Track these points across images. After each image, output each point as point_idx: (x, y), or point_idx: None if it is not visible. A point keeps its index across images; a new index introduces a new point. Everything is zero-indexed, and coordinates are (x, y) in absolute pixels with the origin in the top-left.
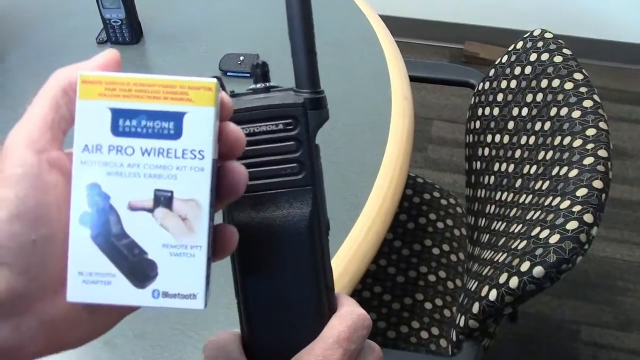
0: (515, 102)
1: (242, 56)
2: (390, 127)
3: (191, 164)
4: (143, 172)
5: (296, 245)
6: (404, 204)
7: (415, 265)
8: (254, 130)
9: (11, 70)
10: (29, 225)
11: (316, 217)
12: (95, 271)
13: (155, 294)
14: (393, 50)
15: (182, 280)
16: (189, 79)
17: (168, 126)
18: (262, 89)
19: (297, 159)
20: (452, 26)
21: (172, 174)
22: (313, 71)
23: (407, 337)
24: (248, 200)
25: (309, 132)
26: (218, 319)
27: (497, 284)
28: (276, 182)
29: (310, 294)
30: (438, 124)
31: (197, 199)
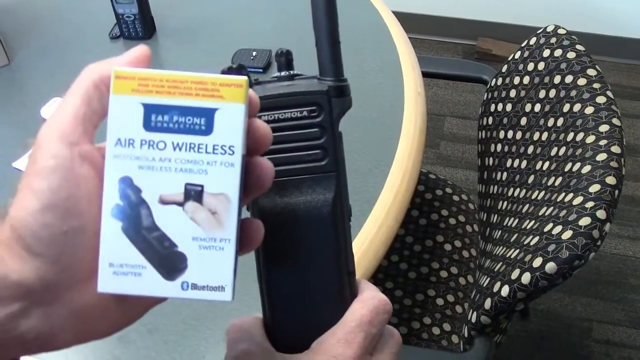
0: (528, 98)
1: (254, 51)
2: (403, 122)
3: (222, 159)
4: (174, 167)
5: (320, 230)
6: (416, 200)
7: (427, 261)
8: (279, 117)
9: (23, 66)
10: (61, 217)
11: (339, 202)
12: (125, 263)
13: (185, 285)
14: (406, 46)
15: (210, 273)
16: (221, 76)
17: (199, 122)
18: (287, 77)
19: (321, 145)
20: (464, 23)
21: (203, 168)
22: (337, 60)
23: (418, 333)
24: (273, 186)
25: (333, 119)
26: (231, 314)
27: (509, 280)
28: (300, 169)
29: (333, 278)
30: (450, 120)
31: (227, 193)
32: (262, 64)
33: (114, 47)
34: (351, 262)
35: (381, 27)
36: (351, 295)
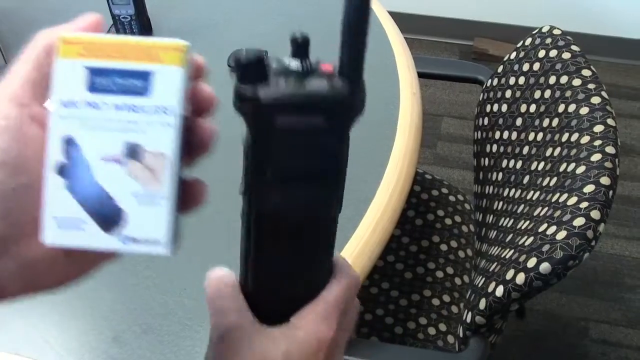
0: (524, 99)
1: None
2: (398, 123)
3: (160, 119)
4: (115, 127)
5: (317, 224)
6: (412, 200)
7: (423, 261)
8: (296, 122)
9: None
10: (10, 174)
11: (337, 202)
12: (68, 217)
13: (124, 239)
14: (402, 46)
15: (148, 227)
16: (161, 41)
17: (139, 84)
18: (302, 72)
19: (332, 149)
20: (461, 23)
21: (142, 128)
22: (360, 65)
23: (414, 333)
24: (277, 175)
25: (348, 125)
26: None
27: (504, 280)
28: (308, 173)
29: (319, 258)
30: (447, 120)
31: (165, 152)
32: None
33: None
34: (334, 243)
35: (377, 28)
36: (329, 272)
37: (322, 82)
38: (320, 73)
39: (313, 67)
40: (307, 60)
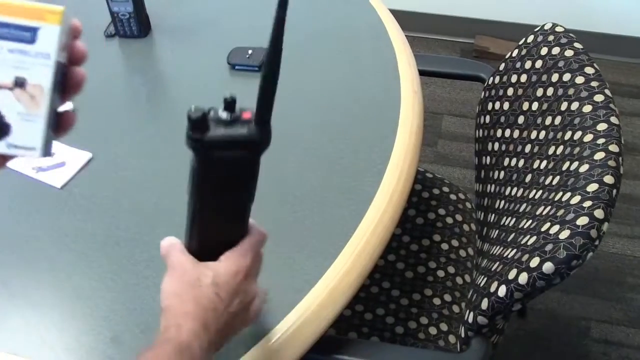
0: (526, 97)
1: (250, 50)
2: (399, 121)
3: (41, 61)
4: (9, 64)
5: (237, 211)
6: (413, 199)
7: (424, 260)
8: (224, 155)
9: None
10: None
11: (250, 198)
12: None
13: (8, 145)
14: (403, 44)
15: (27, 138)
16: (46, 6)
17: (28, 35)
18: (231, 120)
19: (248, 168)
20: (462, 21)
21: (28, 67)
22: (269, 111)
23: (415, 333)
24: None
25: (260, 154)
26: None
27: (506, 280)
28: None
29: (240, 228)
30: (448, 118)
31: (42, 84)
32: (257, 62)
33: (109, 46)
34: (248, 217)
35: (378, 25)
36: (245, 232)
37: (242, 127)
38: (243, 120)
39: (238, 116)
40: (234, 112)
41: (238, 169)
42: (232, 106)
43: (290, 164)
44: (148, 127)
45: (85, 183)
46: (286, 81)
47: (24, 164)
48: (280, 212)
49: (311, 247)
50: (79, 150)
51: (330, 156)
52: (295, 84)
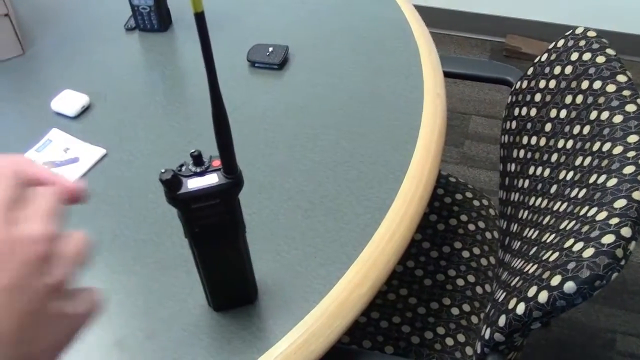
0: (554, 104)
1: (271, 47)
2: (420, 126)
3: None
4: None
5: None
6: (435, 203)
7: (443, 268)
8: (205, 204)
9: (37, 56)
10: None
11: (241, 227)
12: None
13: None
14: (427, 44)
15: None
16: None
17: None
18: (201, 172)
19: (231, 211)
20: (494, 19)
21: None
22: (232, 163)
23: (431, 343)
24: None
25: (235, 196)
26: (230, 322)
27: (526, 297)
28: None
29: (242, 251)
30: (476, 119)
31: None
32: (278, 60)
33: (129, 39)
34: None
35: (402, 24)
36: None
37: (213, 177)
38: (213, 168)
39: (208, 166)
40: (203, 164)
41: (218, 212)
42: (199, 160)
43: (306, 167)
44: (164, 125)
45: (97, 180)
46: (304, 80)
47: (37, 159)
48: (294, 216)
49: (324, 255)
50: (93, 146)
51: (347, 160)
52: (314, 83)
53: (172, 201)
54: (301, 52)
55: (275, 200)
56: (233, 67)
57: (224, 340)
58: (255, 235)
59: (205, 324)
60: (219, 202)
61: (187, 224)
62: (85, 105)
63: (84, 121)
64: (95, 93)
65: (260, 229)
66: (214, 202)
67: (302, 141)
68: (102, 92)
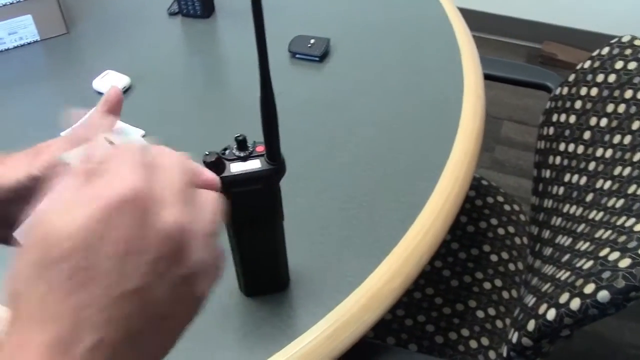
0: (594, 112)
1: (312, 39)
2: (459, 125)
3: None
4: None
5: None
6: (466, 205)
7: (471, 270)
8: (246, 189)
9: (81, 37)
10: None
11: (280, 216)
12: None
13: None
14: (469, 45)
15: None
16: None
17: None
18: (245, 157)
19: (272, 198)
20: (531, 24)
21: None
22: (276, 149)
23: (455, 344)
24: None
25: (276, 186)
26: (260, 308)
27: (557, 304)
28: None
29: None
30: (508, 124)
31: None
32: (319, 52)
33: (171, 24)
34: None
35: (445, 24)
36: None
37: (256, 162)
38: (256, 153)
39: (251, 151)
40: (247, 149)
41: (259, 198)
42: (243, 144)
43: (344, 160)
44: (203, 111)
45: None
46: (344, 73)
47: None
48: (330, 208)
49: (357, 248)
50: (132, 127)
51: (385, 155)
52: (354, 77)
53: None
54: (343, 45)
55: (312, 192)
56: (274, 57)
57: (254, 325)
58: (290, 224)
59: (235, 309)
60: (260, 188)
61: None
62: (126, 86)
63: (124, 102)
64: (136, 75)
65: (296, 219)
66: (255, 187)
67: (339, 134)
68: (143, 74)
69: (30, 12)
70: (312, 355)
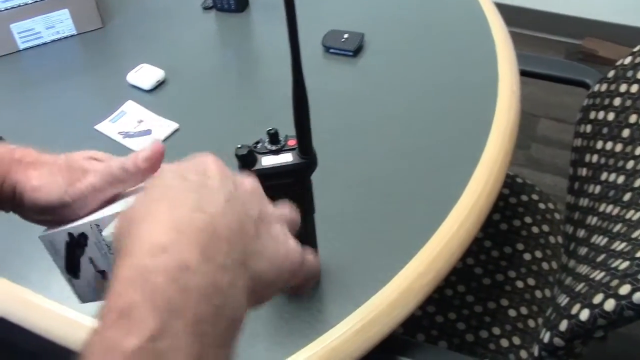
0: (634, 109)
1: (346, 34)
2: (493, 121)
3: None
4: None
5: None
6: (500, 203)
7: (503, 268)
8: (278, 182)
9: (116, 30)
10: None
11: (312, 210)
12: None
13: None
14: (505, 40)
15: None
16: None
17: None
18: (276, 150)
19: (303, 192)
20: (571, 20)
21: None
22: (308, 143)
23: (485, 343)
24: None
25: (308, 180)
26: (289, 301)
27: (591, 304)
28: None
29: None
30: (545, 122)
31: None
32: (352, 47)
33: (205, 18)
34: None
35: (481, 20)
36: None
37: (287, 156)
38: (288, 147)
39: (283, 144)
40: (279, 143)
41: (290, 191)
42: (275, 138)
43: (376, 155)
44: (236, 104)
45: (168, 154)
46: (378, 68)
47: (111, 130)
48: (362, 202)
49: (388, 243)
50: (166, 120)
51: (418, 151)
52: (387, 72)
53: None
54: (376, 40)
55: (344, 185)
56: (307, 52)
57: (282, 319)
58: (321, 217)
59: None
60: (292, 182)
61: None
62: (161, 79)
63: (158, 95)
64: (171, 68)
65: (327, 212)
66: (287, 180)
67: (372, 129)
68: (177, 67)
69: (67, 7)
70: (340, 350)
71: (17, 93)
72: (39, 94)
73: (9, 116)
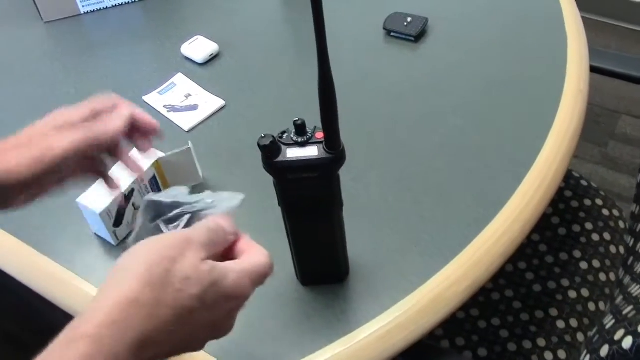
0: None
1: (409, 17)
2: (554, 122)
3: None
4: None
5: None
6: (560, 205)
7: (557, 276)
8: (303, 175)
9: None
10: None
11: (340, 205)
12: None
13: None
14: (577, 35)
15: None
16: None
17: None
18: (302, 142)
19: (329, 187)
20: None
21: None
22: (335, 138)
23: (528, 354)
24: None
25: (335, 175)
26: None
27: (635, 332)
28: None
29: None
30: (626, 119)
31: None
32: (414, 32)
33: None
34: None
35: (553, 8)
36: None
37: (313, 149)
38: (315, 140)
39: (310, 137)
40: (305, 135)
41: (315, 186)
42: (302, 129)
43: (424, 148)
44: (289, 85)
45: (212, 131)
46: (439, 56)
47: (158, 102)
48: (401, 199)
49: (425, 245)
50: (213, 97)
51: (470, 148)
52: (448, 60)
53: (268, 168)
54: (440, 25)
55: (385, 179)
56: (367, 34)
57: (304, 316)
58: (357, 212)
59: (289, 297)
60: (316, 176)
61: (282, 193)
62: (214, 53)
63: (209, 69)
64: (225, 42)
65: (364, 207)
66: (311, 175)
67: (426, 120)
68: (231, 42)
69: None
70: (360, 357)
71: (75, 57)
72: (94, 59)
73: (65, 79)
